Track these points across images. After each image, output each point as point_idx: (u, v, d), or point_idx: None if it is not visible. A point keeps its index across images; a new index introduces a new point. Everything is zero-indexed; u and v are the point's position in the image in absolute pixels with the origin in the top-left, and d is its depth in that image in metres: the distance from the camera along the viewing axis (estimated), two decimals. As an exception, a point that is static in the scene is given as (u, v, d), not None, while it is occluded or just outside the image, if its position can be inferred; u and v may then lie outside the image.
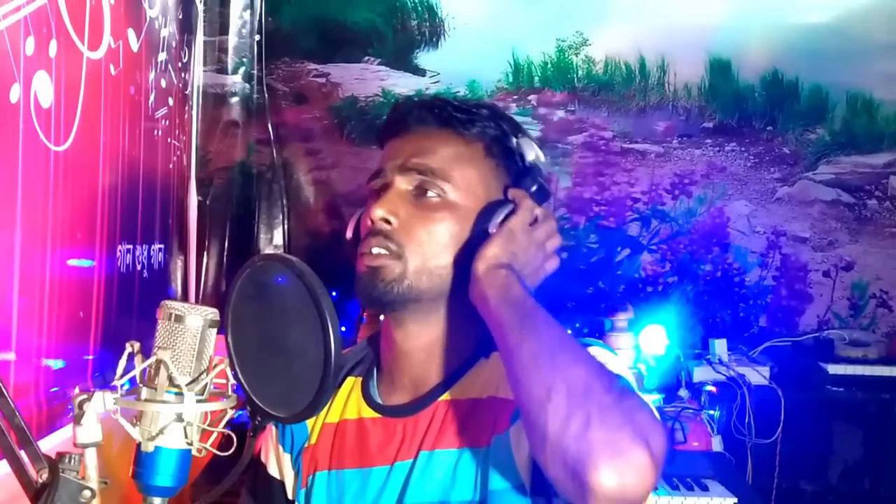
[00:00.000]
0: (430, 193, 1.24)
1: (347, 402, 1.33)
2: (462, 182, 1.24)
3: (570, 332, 1.06)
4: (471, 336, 1.27)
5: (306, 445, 1.34)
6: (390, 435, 1.26)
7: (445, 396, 1.24)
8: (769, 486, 3.56)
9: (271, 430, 1.40)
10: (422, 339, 1.27)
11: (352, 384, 1.36)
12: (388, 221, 1.22)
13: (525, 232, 1.19)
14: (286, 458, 1.38)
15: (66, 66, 2.00)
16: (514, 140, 1.29)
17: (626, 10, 4.15)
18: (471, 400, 1.22)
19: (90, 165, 2.26)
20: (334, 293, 0.99)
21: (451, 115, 1.28)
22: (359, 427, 1.29)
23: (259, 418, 1.03)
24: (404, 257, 1.21)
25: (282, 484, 1.38)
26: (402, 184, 1.25)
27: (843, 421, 3.74)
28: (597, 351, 1.23)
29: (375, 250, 1.22)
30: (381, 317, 1.33)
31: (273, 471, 1.39)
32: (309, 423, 1.34)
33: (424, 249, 1.22)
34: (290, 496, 1.37)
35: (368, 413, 1.30)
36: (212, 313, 1.00)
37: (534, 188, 1.25)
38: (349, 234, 1.33)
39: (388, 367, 1.32)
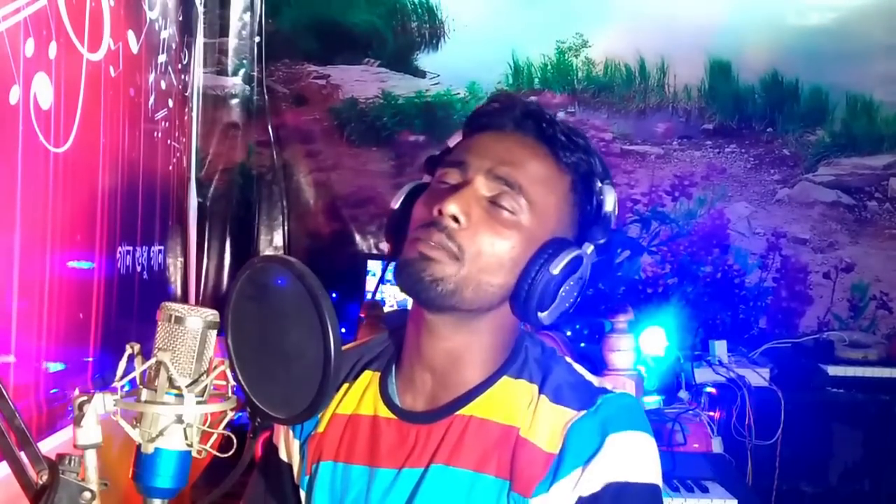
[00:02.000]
0: (506, 207, 1.18)
1: (363, 397, 1.32)
2: (540, 207, 1.20)
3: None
4: (500, 352, 1.26)
5: (314, 433, 1.33)
6: (403, 439, 1.24)
7: (465, 411, 1.22)
8: (769, 488, 3.55)
9: None
10: (449, 345, 1.24)
11: (369, 378, 1.33)
12: (457, 220, 1.16)
13: None
14: (295, 444, 1.37)
15: (65, 67, 2.00)
16: (600, 184, 1.25)
17: (626, 11, 4.15)
18: (493, 423, 1.20)
19: (90, 167, 2.26)
20: (334, 295, 0.99)
21: (554, 134, 1.23)
22: (372, 425, 1.28)
23: (259, 420, 1.03)
24: (462, 261, 1.16)
25: (290, 467, 1.38)
26: (483, 188, 1.19)
27: (843, 422, 3.73)
28: (640, 449, 1.21)
29: (435, 242, 1.16)
30: (407, 305, 1.30)
31: (283, 454, 1.39)
32: (308, 420, 1.33)
33: (482, 261, 1.17)
34: (295, 481, 1.37)
35: (384, 412, 1.28)
36: (212, 315, 1.00)
37: (602, 240, 1.22)
38: (396, 204, 1.29)
39: (409, 367, 1.29)
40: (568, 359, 1.30)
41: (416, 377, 1.27)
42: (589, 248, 1.20)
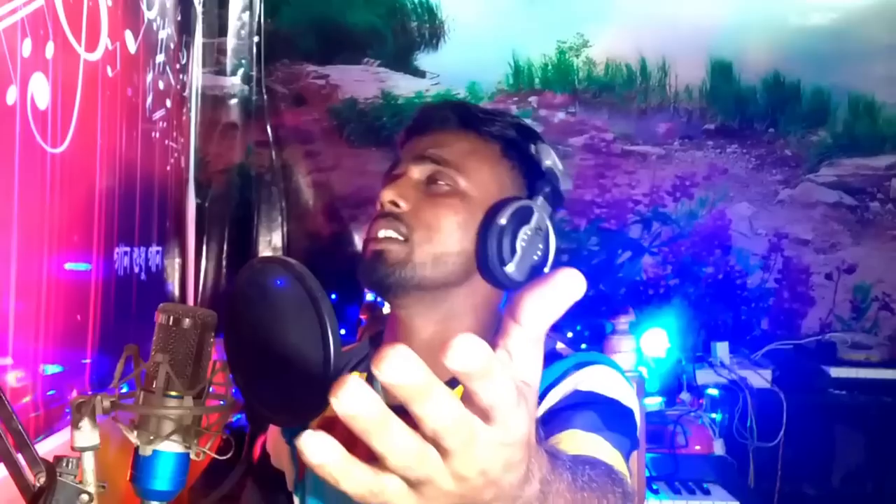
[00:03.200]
0: (441, 182, 1.25)
1: None
2: (475, 175, 1.26)
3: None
4: (483, 336, 1.26)
5: None
6: None
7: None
8: (771, 490, 3.54)
9: None
10: (428, 332, 1.26)
11: None
12: (396, 205, 1.23)
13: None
14: (286, 451, 1.37)
15: (62, 67, 1.99)
16: (533, 146, 1.29)
17: (627, 11, 4.14)
18: None
19: (87, 167, 2.25)
20: (334, 296, 0.98)
21: (472, 114, 1.30)
22: None
23: (257, 422, 1.02)
24: (411, 241, 1.21)
25: (283, 475, 1.38)
26: (416, 173, 1.27)
27: (845, 424, 3.73)
28: (603, 373, 1.23)
29: (382, 233, 1.22)
30: (386, 310, 1.32)
31: (276, 462, 1.39)
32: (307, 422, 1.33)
33: (432, 235, 1.22)
34: (289, 488, 1.37)
35: None
36: (210, 316, 0.99)
37: (547, 189, 1.25)
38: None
39: None
40: (560, 344, 1.33)
41: None
42: (538, 200, 1.24)
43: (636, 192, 4.20)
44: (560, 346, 1.33)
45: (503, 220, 1.20)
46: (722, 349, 3.71)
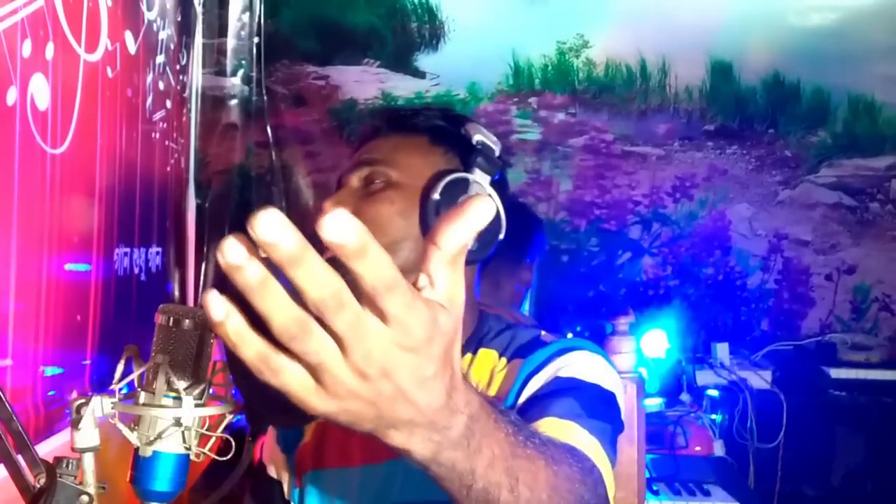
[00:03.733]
0: (376, 181, 1.29)
1: None
2: (406, 166, 1.29)
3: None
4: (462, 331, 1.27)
5: (300, 444, 1.34)
6: None
7: None
8: (771, 491, 3.55)
9: (272, 430, 1.39)
10: None
11: None
12: None
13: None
14: (282, 459, 1.37)
15: (62, 68, 1.99)
16: (462, 129, 1.31)
17: (627, 12, 4.14)
18: None
19: (87, 168, 2.24)
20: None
21: (398, 115, 1.36)
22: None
23: (257, 423, 1.02)
24: None
25: (280, 484, 1.38)
26: (354, 180, 1.31)
27: (845, 425, 3.73)
28: (585, 358, 1.24)
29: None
30: None
31: (272, 472, 1.39)
32: (307, 424, 1.33)
33: (374, 230, 1.20)
34: (286, 496, 1.37)
35: None
36: (210, 316, 0.99)
37: (479, 159, 1.27)
38: None
39: None
40: (543, 332, 1.36)
41: None
42: (473, 171, 1.26)
43: (636, 192, 4.19)
44: (544, 333, 1.35)
45: (436, 195, 1.22)
46: (722, 350, 3.71)
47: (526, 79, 4.16)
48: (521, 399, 1.20)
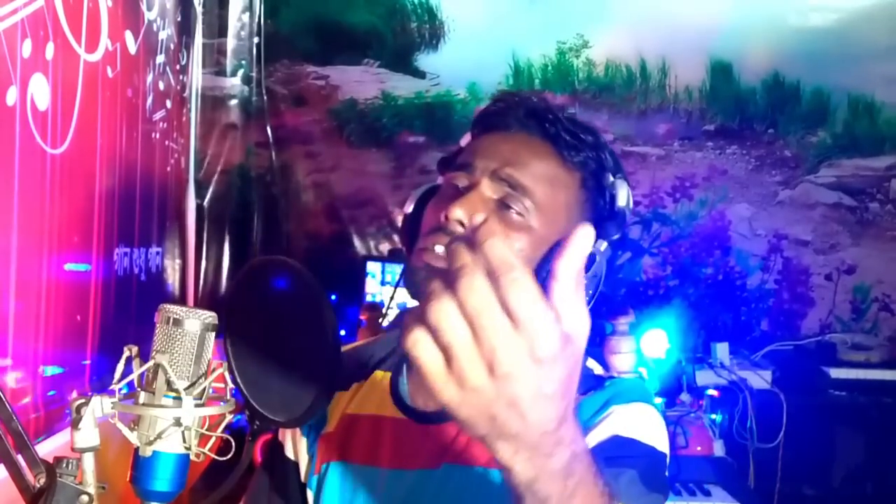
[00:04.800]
0: (514, 208, 1.17)
1: (374, 397, 1.31)
2: (548, 207, 1.18)
3: None
4: None
5: (324, 432, 1.33)
6: (414, 440, 1.24)
7: None
8: (771, 491, 3.54)
9: None
10: None
11: (380, 379, 1.33)
12: (463, 224, 1.14)
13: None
14: (302, 442, 1.36)
15: (63, 68, 1.99)
16: (611, 178, 1.22)
17: (627, 12, 4.15)
18: None
19: (87, 168, 2.25)
20: (333, 297, 0.97)
21: (558, 133, 1.22)
22: (383, 425, 1.28)
23: (257, 422, 1.02)
24: None
25: (296, 465, 1.37)
26: (489, 190, 1.18)
27: (845, 425, 3.73)
28: (642, 415, 1.19)
29: (440, 249, 1.14)
30: (406, 306, 1.29)
31: (289, 452, 1.38)
32: (329, 409, 1.32)
33: None
34: (302, 479, 1.36)
35: (395, 413, 1.28)
36: (210, 317, 0.99)
37: (616, 236, 1.18)
38: (409, 207, 1.29)
39: None
40: (590, 360, 1.30)
41: None
42: (602, 245, 1.17)
43: (636, 192, 4.15)
44: (591, 363, 1.29)
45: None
46: (722, 350, 3.71)
47: (526, 79, 4.16)
48: None
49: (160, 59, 3.00)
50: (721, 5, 4.15)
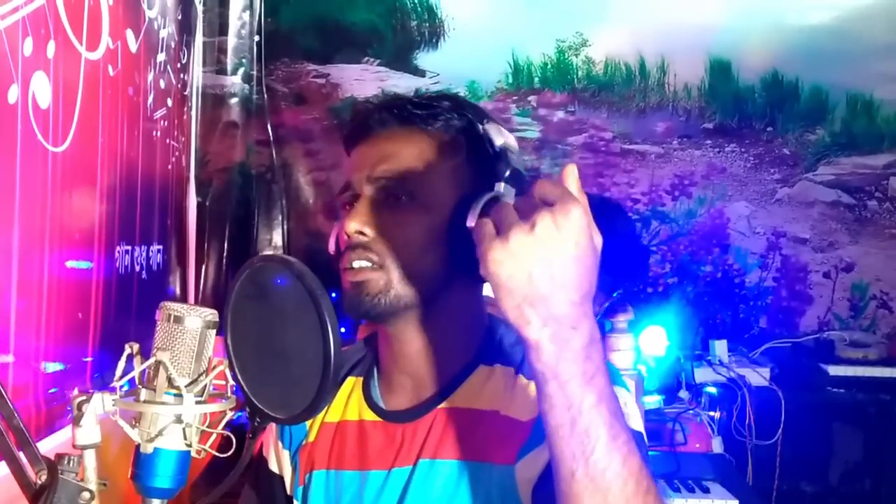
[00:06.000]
0: (400, 196, 1.21)
1: (348, 403, 1.33)
2: (432, 180, 1.21)
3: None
4: (471, 339, 1.27)
5: (304, 443, 1.34)
6: (390, 439, 1.25)
7: (446, 403, 1.23)
8: (770, 488, 3.55)
9: (272, 426, 1.39)
10: (418, 344, 1.25)
11: (352, 384, 1.35)
12: (362, 233, 1.19)
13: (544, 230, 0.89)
14: (285, 455, 1.38)
15: (64, 66, 1.99)
16: (481, 127, 1.20)
17: (626, 10, 4.15)
18: (472, 410, 1.21)
19: (88, 166, 2.25)
20: (334, 294, 0.98)
21: (411, 112, 1.24)
22: (359, 429, 1.29)
23: (258, 420, 1.03)
24: (386, 266, 1.19)
25: (282, 479, 1.38)
26: (373, 194, 1.22)
27: (843, 422, 3.74)
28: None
29: (356, 264, 1.20)
30: None
31: (273, 466, 1.39)
32: (307, 421, 1.33)
33: (404, 255, 1.19)
34: (288, 492, 1.37)
35: (369, 416, 1.29)
36: (211, 314, 1.00)
37: (507, 173, 1.13)
38: (331, 248, 1.31)
39: (388, 370, 1.31)
40: None
41: (395, 378, 1.30)
42: (502, 186, 1.13)
43: (635, 190, 4.20)
44: None
45: (471, 223, 1.10)
46: (720, 347, 3.72)
47: (525, 77, 4.17)
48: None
49: (161, 57, 3.00)
50: (720, 4, 4.15)
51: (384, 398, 1.30)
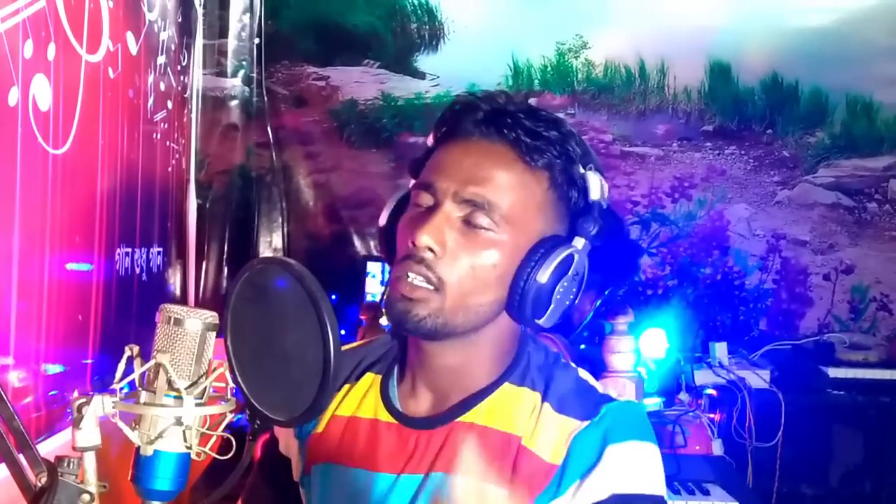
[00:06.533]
0: (481, 224, 1.14)
1: (364, 399, 1.31)
2: (518, 215, 1.15)
3: None
4: (502, 360, 1.24)
5: (313, 432, 1.33)
6: (403, 444, 1.23)
7: (465, 418, 1.21)
8: (770, 490, 3.55)
9: None
10: (452, 361, 1.22)
11: (370, 381, 1.33)
12: (432, 250, 1.13)
13: None
14: (294, 442, 1.37)
15: (64, 69, 2.00)
16: (581, 170, 1.17)
17: (626, 13, 4.16)
18: (494, 431, 1.19)
19: (89, 169, 2.25)
20: (334, 297, 0.98)
21: (519, 137, 1.15)
22: (372, 428, 1.27)
23: (258, 422, 1.02)
24: (443, 292, 1.13)
25: (289, 463, 1.38)
26: (454, 211, 1.15)
27: (843, 424, 3.74)
28: (641, 457, 1.20)
29: (412, 278, 1.13)
30: (384, 322, 1.29)
31: (283, 449, 1.39)
32: (308, 423, 1.32)
33: (465, 285, 1.14)
34: (295, 478, 1.37)
35: (384, 416, 1.27)
36: (211, 317, 1.00)
37: (593, 230, 1.13)
38: (383, 221, 1.27)
39: (413, 374, 1.27)
40: (573, 364, 1.28)
41: (419, 384, 1.26)
42: (580, 243, 1.14)
43: (635, 193, 4.20)
44: (582, 373, 1.26)
45: (543, 279, 1.12)
46: (720, 349, 3.71)
47: (525, 79, 4.17)
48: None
49: (161, 59, 3.00)
50: (720, 6, 4.16)
51: (402, 401, 1.28)
